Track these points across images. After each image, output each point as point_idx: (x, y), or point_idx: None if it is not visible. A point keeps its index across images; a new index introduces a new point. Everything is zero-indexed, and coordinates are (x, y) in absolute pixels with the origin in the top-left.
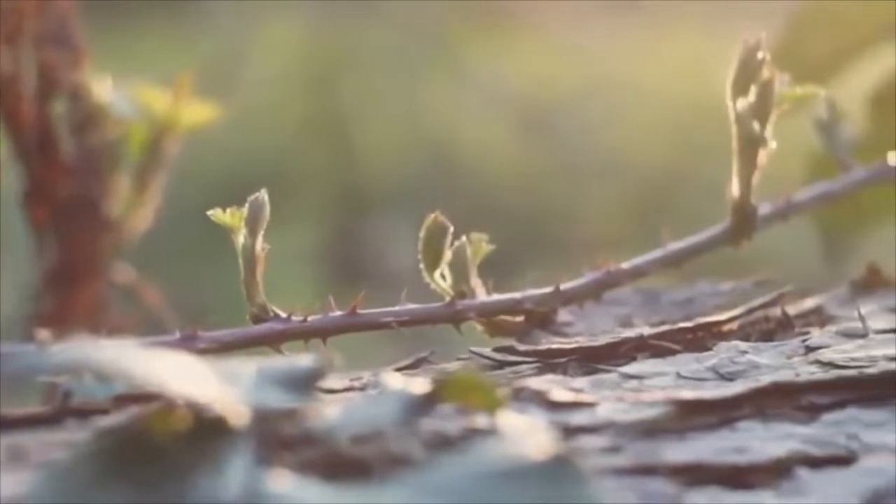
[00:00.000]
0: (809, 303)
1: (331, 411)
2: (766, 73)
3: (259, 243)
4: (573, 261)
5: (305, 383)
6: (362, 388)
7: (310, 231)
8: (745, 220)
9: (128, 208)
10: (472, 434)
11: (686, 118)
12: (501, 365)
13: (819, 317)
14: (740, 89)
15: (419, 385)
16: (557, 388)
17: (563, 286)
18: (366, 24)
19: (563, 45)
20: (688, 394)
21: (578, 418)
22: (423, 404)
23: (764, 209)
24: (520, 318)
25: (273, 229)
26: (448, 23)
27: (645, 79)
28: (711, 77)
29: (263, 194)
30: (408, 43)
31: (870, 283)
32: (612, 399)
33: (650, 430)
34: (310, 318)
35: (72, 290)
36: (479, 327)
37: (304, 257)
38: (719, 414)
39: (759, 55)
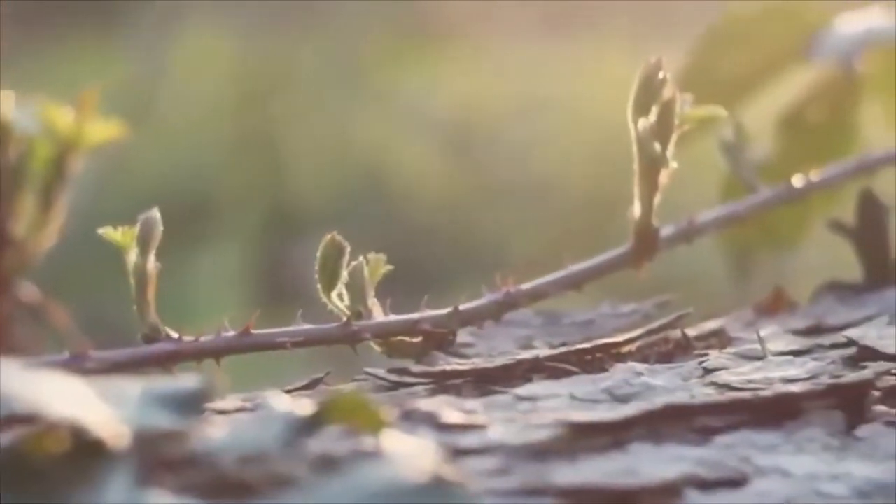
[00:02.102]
0: (711, 325)
1: (215, 432)
2: (667, 93)
3: (151, 262)
4: (509, 281)
5: (191, 404)
6: (254, 409)
7: (239, 252)
8: (646, 242)
9: (32, 227)
10: (358, 456)
11: (617, 139)
12: (396, 386)
13: (720, 339)
14: (641, 109)
15: (304, 406)
16: (448, 409)
17: (462, 307)
18: (296, 43)
19: (493, 67)
20: (579, 416)
21: (468, 440)
22: (309, 426)
23: (667, 231)
24: (418, 339)
25: (201, 249)
26: (378, 43)
27: (576, 100)
28: None
29: (155, 213)
30: (338, 62)
31: (774, 306)
32: (503, 421)
33: (540, 452)
34: (202, 339)
35: None
36: (377, 348)
37: (232, 278)
38: (610, 436)
39: (661, 75)
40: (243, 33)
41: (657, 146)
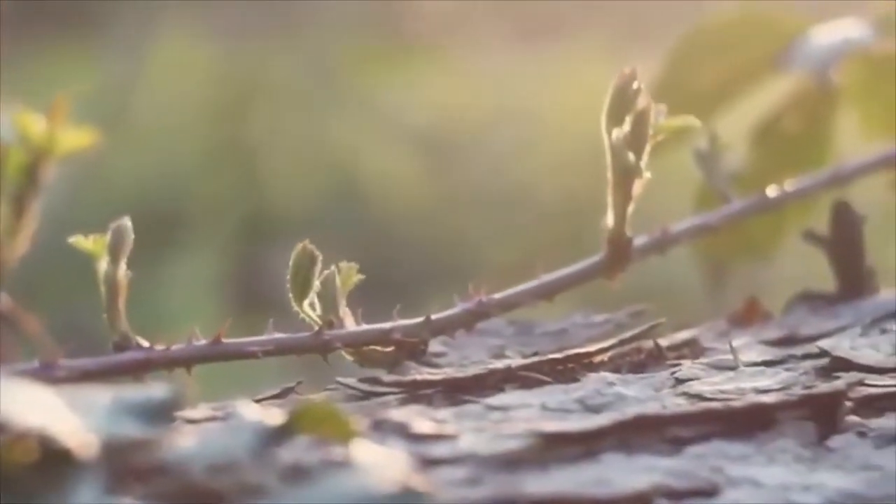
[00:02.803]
0: (683, 335)
1: (185, 441)
2: (641, 103)
3: (122, 270)
4: (482, 290)
5: (160, 413)
6: (224, 419)
7: (214, 259)
8: (619, 252)
9: (4, 234)
10: (328, 465)
11: (592, 149)
12: (367, 395)
13: (692, 349)
14: (615, 119)
15: (274, 416)
16: (419, 419)
17: (434, 316)
18: (272, 51)
19: (469, 75)
20: (550, 425)
21: (439, 450)
22: (278, 435)
23: (640, 241)
24: (390, 349)
25: (176, 257)
26: (355, 51)
27: (552, 109)
28: None
29: (126, 221)
30: (314, 71)
31: (748, 316)
32: (474, 430)
33: (511, 461)
34: (173, 347)
35: None
36: (349, 357)
37: (207, 286)
38: (582, 446)
39: (635, 85)
40: (219, 40)
41: (631, 156)
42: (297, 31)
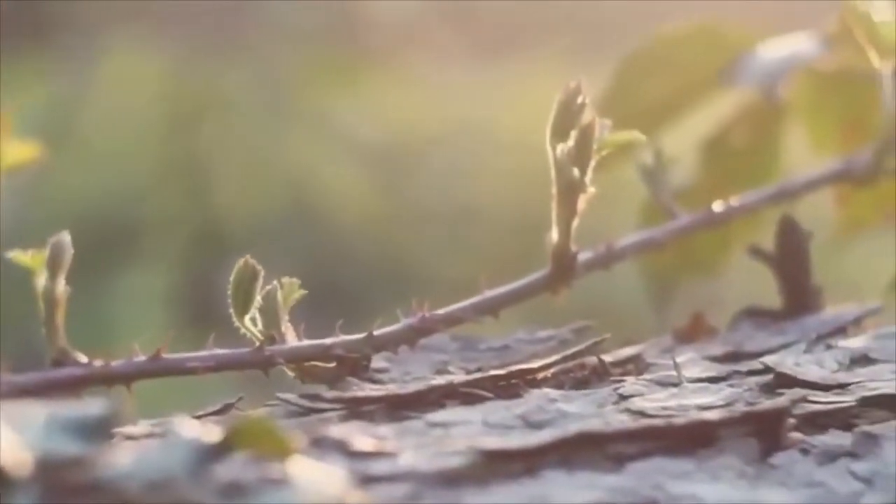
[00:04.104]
0: (628, 351)
1: (121, 458)
2: (586, 117)
3: (61, 286)
4: (432, 306)
5: (97, 430)
6: (163, 435)
7: (166, 274)
8: (564, 267)
9: None
10: (266, 482)
11: (544, 165)
12: (309, 412)
13: (636, 365)
14: (560, 134)
15: (211, 432)
16: (359, 436)
17: (377, 332)
18: (224, 66)
19: (422, 91)
20: (491, 442)
21: (379, 467)
22: (215, 452)
23: (585, 256)
24: (332, 364)
25: (127, 272)
26: (307, 66)
27: (504, 125)
28: None
29: (65, 236)
30: (266, 85)
31: (693, 332)
32: (414, 447)
33: (452, 478)
34: (112, 363)
35: None
36: (290, 373)
37: (160, 300)
38: (523, 463)
39: (580, 99)
40: (170, 54)
41: (575, 171)
42: (249, 45)
